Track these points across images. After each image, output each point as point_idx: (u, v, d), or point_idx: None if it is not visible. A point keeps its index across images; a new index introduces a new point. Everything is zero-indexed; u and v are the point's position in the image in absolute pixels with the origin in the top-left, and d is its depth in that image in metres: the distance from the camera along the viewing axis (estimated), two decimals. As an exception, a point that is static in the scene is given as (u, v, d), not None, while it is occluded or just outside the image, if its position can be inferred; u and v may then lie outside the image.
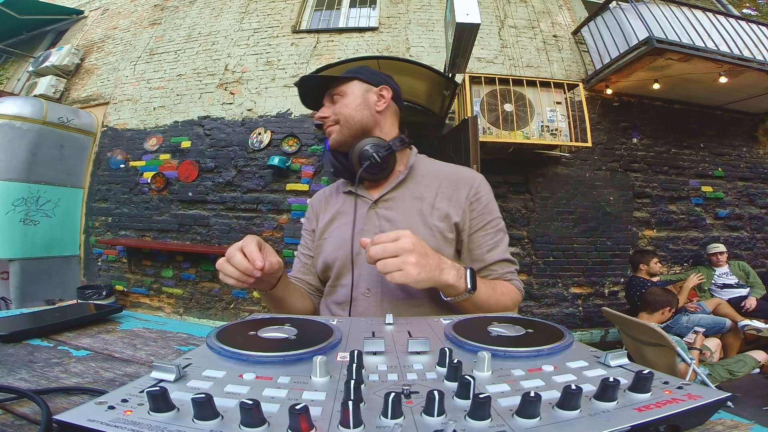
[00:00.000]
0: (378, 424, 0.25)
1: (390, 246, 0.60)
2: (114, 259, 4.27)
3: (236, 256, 0.61)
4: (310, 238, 0.96)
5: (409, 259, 0.59)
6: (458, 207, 0.83)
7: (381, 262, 0.60)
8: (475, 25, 2.43)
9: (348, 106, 0.86)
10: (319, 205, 0.97)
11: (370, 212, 0.86)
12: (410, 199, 0.85)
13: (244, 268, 0.61)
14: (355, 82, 0.88)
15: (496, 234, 0.84)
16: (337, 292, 0.86)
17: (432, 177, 0.88)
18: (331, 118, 0.87)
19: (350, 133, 0.86)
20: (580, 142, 3.48)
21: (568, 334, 0.42)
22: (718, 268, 3.57)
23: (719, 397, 0.28)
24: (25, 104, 4.03)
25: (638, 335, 2.26)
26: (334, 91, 0.88)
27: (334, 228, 0.89)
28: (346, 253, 0.83)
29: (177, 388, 0.30)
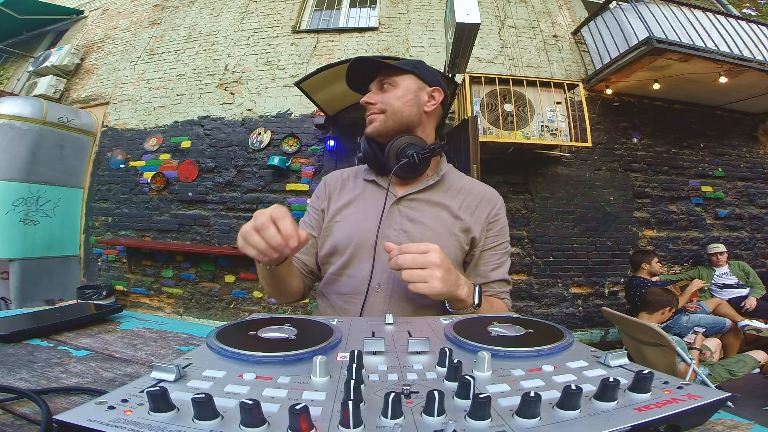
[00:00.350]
0: (378, 424, 0.25)
1: (419, 258, 0.61)
2: (114, 259, 4.27)
3: (270, 230, 0.57)
4: (316, 217, 0.92)
5: (435, 273, 0.61)
6: (478, 223, 0.86)
7: (408, 272, 0.61)
8: (475, 25, 2.43)
9: (399, 98, 0.85)
10: (335, 186, 0.94)
11: (393, 208, 0.84)
12: (435, 205, 0.86)
13: (277, 243, 0.58)
14: (411, 75, 0.87)
15: (503, 255, 0.88)
16: (342, 282, 0.83)
17: (458, 189, 0.89)
18: (377, 105, 0.85)
19: (394, 127, 0.85)
20: (580, 142, 3.48)
21: (568, 334, 0.42)
22: (718, 268, 3.57)
23: (719, 397, 0.28)
24: (25, 104, 4.03)
25: (638, 335, 2.26)
26: (387, 79, 0.86)
27: (350, 213, 0.87)
28: (362, 243, 0.82)
29: (177, 388, 0.30)
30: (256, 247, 0.59)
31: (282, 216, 0.58)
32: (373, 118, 0.86)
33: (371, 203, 0.86)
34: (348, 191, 0.92)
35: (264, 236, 0.58)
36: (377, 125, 0.85)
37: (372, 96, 0.86)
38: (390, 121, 0.85)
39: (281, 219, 0.58)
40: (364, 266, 0.81)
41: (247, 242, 0.59)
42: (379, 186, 0.88)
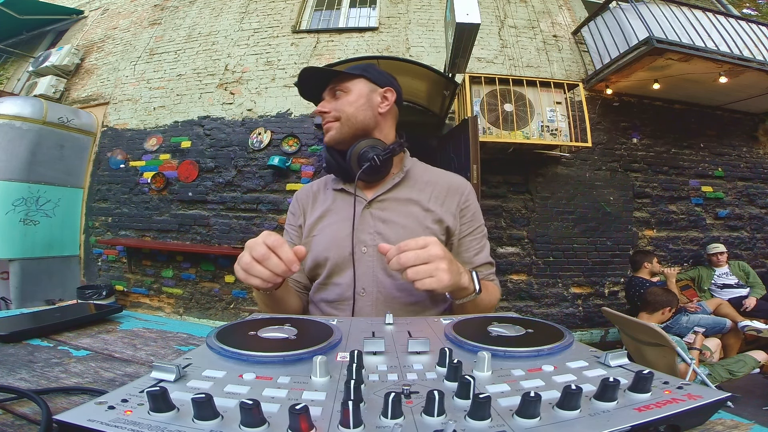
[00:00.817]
0: (378, 424, 0.25)
1: (422, 253, 0.60)
2: (114, 259, 4.27)
3: (272, 259, 0.58)
4: (296, 234, 0.93)
5: (441, 265, 0.60)
6: (449, 212, 0.87)
7: (413, 270, 0.60)
8: (475, 25, 2.43)
9: (351, 104, 0.85)
10: (306, 200, 0.95)
11: (365, 212, 0.85)
12: (404, 201, 0.87)
13: (282, 271, 0.58)
14: (361, 80, 0.87)
15: (482, 239, 0.90)
16: (329, 290, 0.84)
17: (425, 182, 0.90)
18: (331, 113, 0.85)
19: (350, 132, 0.85)
20: (580, 142, 3.48)
21: (568, 334, 0.42)
22: (718, 268, 3.57)
23: (719, 397, 0.28)
24: (25, 104, 4.03)
25: (638, 335, 2.26)
26: (338, 86, 0.86)
27: (324, 225, 0.88)
28: (341, 252, 0.82)
29: (177, 388, 0.30)
30: (261, 276, 0.59)
31: (279, 244, 0.59)
32: (329, 126, 0.86)
33: (343, 212, 0.87)
34: (319, 203, 0.92)
35: (268, 266, 0.58)
36: (333, 133, 0.85)
37: (325, 104, 0.86)
38: (345, 128, 0.85)
39: (279, 247, 0.58)
40: (346, 273, 0.82)
41: (250, 273, 0.59)
42: (348, 193, 0.88)
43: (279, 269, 0.58)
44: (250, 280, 0.60)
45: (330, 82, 0.87)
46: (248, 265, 0.59)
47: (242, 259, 0.60)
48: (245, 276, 0.60)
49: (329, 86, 0.87)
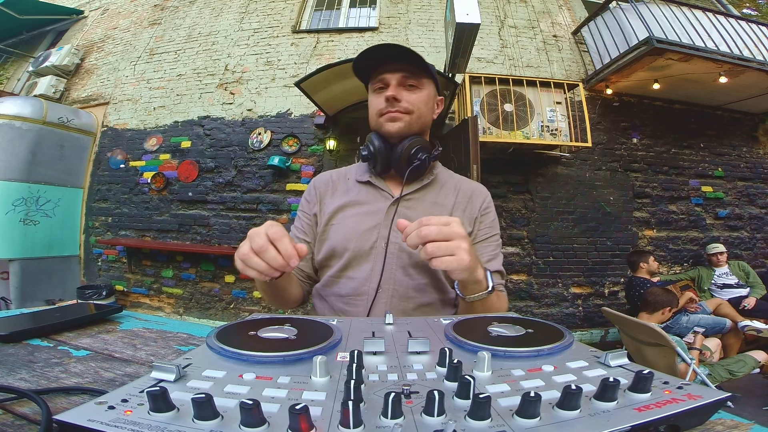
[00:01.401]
0: (378, 424, 0.25)
1: (445, 229, 0.57)
2: (114, 259, 4.27)
3: (270, 251, 0.56)
4: (308, 222, 0.91)
5: (462, 245, 0.58)
6: (471, 218, 0.87)
7: (433, 245, 0.57)
8: (475, 25, 2.43)
9: (425, 103, 0.84)
10: (325, 188, 0.92)
11: (391, 208, 0.84)
12: (430, 203, 0.87)
13: (278, 265, 0.56)
14: (431, 81, 0.87)
15: (496, 248, 0.89)
16: (341, 284, 0.82)
17: (450, 187, 0.91)
18: (404, 104, 0.81)
19: (417, 130, 0.85)
20: (580, 142, 3.48)
21: (568, 334, 0.42)
22: (718, 268, 3.57)
23: (719, 397, 0.28)
24: (25, 104, 4.03)
25: (638, 335, 2.26)
26: (412, 79, 0.82)
27: (346, 216, 0.86)
28: (361, 245, 0.81)
29: (177, 388, 0.30)
30: (257, 268, 0.57)
31: (280, 236, 0.56)
32: (397, 116, 0.82)
33: (368, 205, 0.86)
34: (340, 193, 0.90)
35: (265, 258, 0.56)
36: (402, 125, 0.82)
37: (402, 93, 0.82)
38: (415, 125, 0.84)
39: (279, 240, 0.56)
40: (363, 268, 0.80)
41: (247, 265, 0.57)
42: (375, 187, 0.88)
43: (276, 263, 0.56)
44: (247, 272, 0.58)
45: (403, 71, 0.82)
46: (246, 256, 0.57)
47: (241, 248, 0.58)
48: (242, 267, 0.58)
49: (401, 74, 0.82)
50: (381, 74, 0.83)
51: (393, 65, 0.82)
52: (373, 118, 0.87)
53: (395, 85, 0.82)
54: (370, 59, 0.83)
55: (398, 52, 0.81)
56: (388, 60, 0.82)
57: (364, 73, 0.87)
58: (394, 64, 0.82)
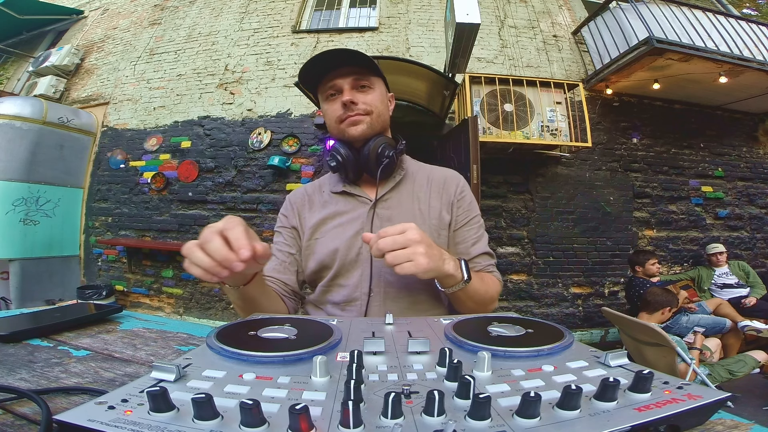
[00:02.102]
0: (378, 424, 0.25)
1: (399, 238, 0.61)
2: (114, 259, 4.27)
3: (214, 242, 0.48)
4: (290, 235, 0.90)
5: (418, 249, 0.60)
6: (447, 205, 0.87)
7: (391, 254, 0.60)
8: (475, 25, 2.43)
9: (381, 101, 0.85)
10: (302, 203, 0.92)
11: (370, 212, 0.85)
12: (408, 199, 0.87)
13: (222, 257, 0.48)
14: (380, 80, 0.87)
15: (479, 229, 0.89)
16: (334, 292, 0.83)
17: (423, 177, 0.91)
18: (361, 106, 0.81)
19: (379, 129, 0.85)
20: (580, 142, 3.48)
21: (568, 334, 0.42)
22: (718, 268, 3.57)
23: (719, 397, 0.28)
24: (25, 104, 4.03)
25: (638, 335, 2.26)
26: (363, 80, 0.82)
27: (328, 229, 0.86)
28: (348, 253, 0.82)
29: (177, 388, 0.30)
30: (200, 264, 0.49)
31: (231, 226, 0.50)
32: (358, 119, 0.81)
33: (347, 214, 0.86)
34: (318, 206, 0.90)
35: (208, 250, 0.48)
36: (364, 128, 0.82)
37: (357, 95, 0.81)
38: (376, 124, 0.84)
39: (230, 229, 0.49)
40: (354, 275, 0.81)
41: (191, 261, 0.50)
42: (350, 195, 0.87)
43: (219, 254, 0.48)
44: (191, 269, 0.50)
45: (353, 74, 0.81)
46: (189, 249, 0.50)
47: (187, 243, 0.50)
48: (187, 264, 0.50)
49: (351, 77, 0.81)
50: (331, 80, 0.82)
51: (342, 69, 0.81)
52: (332, 126, 0.85)
53: (349, 88, 0.81)
54: (317, 67, 0.82)
55: (347, 56, 0.80)
56: (337, 65, 0.81)
57: (311, 82, 0.86)
58: (342, 69, 0.81)
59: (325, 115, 0.87)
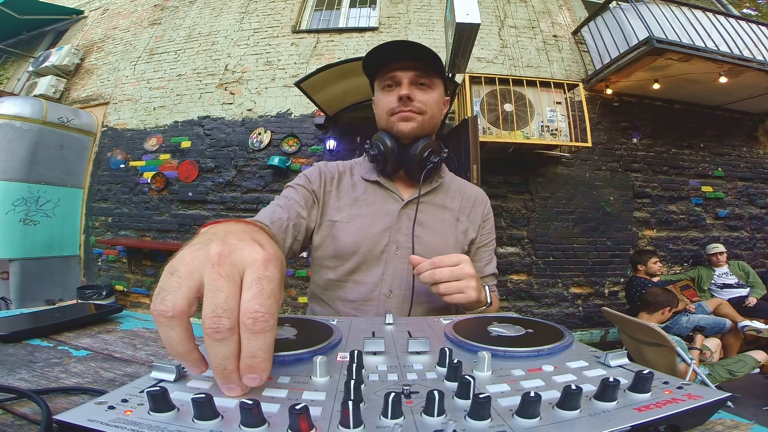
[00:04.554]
0: (378, 424, 0.25)
1: (456, 270, 0.64)
2: (114, 259, 4.27)
3: (173, 330, 0.30)
4: (307, 198, 0.83)
5: (471, 283, 0.64)
6: (474, 224, 0.89)
7: (445, 285, 0.63)
8: (475, 25, 2.43)
9: (436, 103, 0.82)
10: (330, 177, 0.87)
11: (402, 212, 0.82)
12: (440, 207, 0.87)
13: (185, 359, 0.30)
14: (441, 81, 0.84)
15: (492, 251, 0.93)
16: (348, 289, 0.79)
17: (456, 190, 0.91)
18: (416, 104, 0.78)
19: (429, 131, 0.83)
20: (580, 142, 3.48)
21: (568, 334, 0.42)
22: (718, 268, 3.57)
23: (719, 397, 0.27)
24: (25, 104, 4.03)
25: (638, 335, 2.26)
26: (424, 78, 0.79)
27: (353, 215, 0.81)
28: (372, 248, 0.79)
29: (177, 388, 0.30)
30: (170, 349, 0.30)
31: (221, 278, 0.30)
32: (410, 116, 0.79)
33: (376, 206, 0.83)
34: (346, 188, 0.86)
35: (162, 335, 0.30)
36: (415, 125, 0.79)
37: (415, 92, 0.78)
38: (427, 125, 0.81)
39: (216, 291, 0.30)
40: (374, 272, 0.78)
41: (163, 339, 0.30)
42: (383, 187, 0.85)
43: (177, 351, 0.30)
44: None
45: (415, 69, 0.78)
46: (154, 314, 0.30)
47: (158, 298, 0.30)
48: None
49: (413, 72, 0.78)
50: (391, 71, 0.79)
51: (405, 63, 0.79)
52: (382, 116, 0.83)
53: (408, 83, 0.78)
54: (382, 54, 0.79)
55: (413, 49, 0.77)
56: (401, 57, 0.79)
57: (372, 68, 0.84)
58: (406, 62, 0.79)
59: (377, 105, 0.84)
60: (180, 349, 0.29)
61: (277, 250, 0.33)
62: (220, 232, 0.33)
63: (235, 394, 0.28)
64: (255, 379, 0.29)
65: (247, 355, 0.28)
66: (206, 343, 0.29)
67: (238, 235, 0.32)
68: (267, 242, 0.33)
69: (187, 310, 0.30)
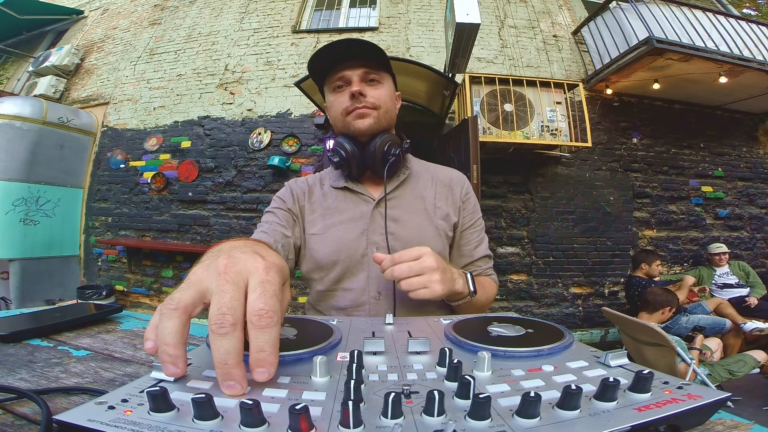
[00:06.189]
0: (378, 424, 0.25)
1: (415, 265, 0.61)
2: (114, 259, 4.27)
3: (167, 321, 0.30)
4: (287, 218, 0.83)
5: (434, 277, 0.61)
6: (454, 207, 0.86)
7: (406, 282, 0.61)
8: (475, 25, 2.43)
9: (389, 97, 0.82)
10: (301, 192, 0.88)
11: (374, 212, 0.82)
12: (413, 198, 0.85)
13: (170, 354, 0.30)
14: (389, 76, 0.84)
15: (481, 232, 0.89)
16: (338, 297, 0.80)
17: (427, 177, 0.89)
18: (369, 99, 0.78)
19: (386, 125, 0.82)
20: (580, 142, 3.48)
21: (568, 334, 0.42)
22: (719, 268, 3.57)
23: (719, 397, 0.27)
24: (25, 104, 4.03)
25: (638, 335, 2.26)
26: (373, 74, 0.80)
27: (328, 225, 0.82)
28: (351, 255, 0.79)
29: (177, 388, 0.30)
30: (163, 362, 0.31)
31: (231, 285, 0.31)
32: (365, 113, 0.78)
33: (349, 212, 0.83)
34: (317, 200, 0.86)
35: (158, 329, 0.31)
36: (371, 122, 0.79)
37: (366, 88, 0.79)
38: (383, 120, 0.81)
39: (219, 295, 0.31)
40: (359, 278, 0.79)
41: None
42: (353, 192, 0.85)
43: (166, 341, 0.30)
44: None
45: (363, 66, 0.79)
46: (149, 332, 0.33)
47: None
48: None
49: (362, 69, 0.79)
50: (340, 72, 0.79)
51: (352, 62, 0.79)
52: (337, 118, 0.82)
53: (358, 80, 0.78)
54: (328, 57, 0.79)
55: (358, 47, 0.77)
56: (348, 57, 0.79)
57: (320, 73, 0.83)
58: (353, 61, 0.78)
59: (331, 108, 0.83)
60: (168, 339, 0.30)
61: (277, 259, 0.36)
62: (225, 248, 0.37)
63: (235, 393, 0.29)
64: (263, 373, 0.30)
65: (255, 350, 0.30)
66: (210, 339, 0.30)
67: (241, 249, 0.35)
68: (267, 253, 0.36)
69: (191, 308, 0.32)
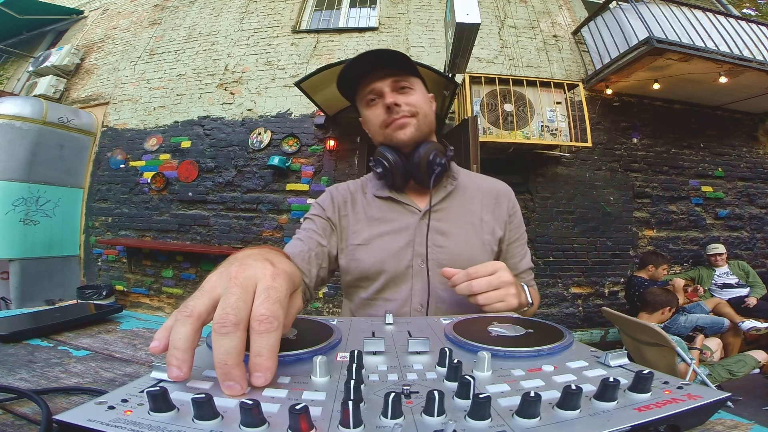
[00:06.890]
0: (378, 424, 0.25)
1: (493, 280, 0.62)
2: (114, 259, 4.27)
3: (181, 327, 0.31)
4: (325, 227, 0.82)
5: (510, 291, 0.62)
6: (501, 221, 0.85)
7: (484, 296, 0.61)
8: (475, 25, 2.43)
9: (425, 101, 0.80)
10: (344, 200, 0.86)
11: (421, 223, 0.80)
12: (460, 211, 0.83)
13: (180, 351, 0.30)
14: (419, 80, 0.82)
15: (524, 244, 0.89)
16: (378, 306, 0.79)
17: (474, 189, 0.87)
18: (405, 108, 0.76)
19: (427, 131, 0.80)
20: (580, 142, 3.48)
21: (568, 334, 0.42)
22: (718, 268, 3.57)
23: (719, 397, 0.27)
24: (25, 104, 4.03)
25: (638, 335, 2.26)
26: (403, 81, 0.78)
27: (373, 236, 0.80)
28: (397, 266, 0.78)
29: (177, 388, 0.30)
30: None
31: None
32: (405, 122, 0.76)
33: (395, 223, 0.81)
34: (361, 209, 0.84)
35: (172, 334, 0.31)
36: (412, 130, 0.77)
37: (398, 97, 0.77)
38: (423, 126, 0.79)
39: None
40: (402, 289, 0.78)
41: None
42: (397, 202, 0.83)
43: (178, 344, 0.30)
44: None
45: (392, 75, 0.77)
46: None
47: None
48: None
49: (390, 79, 0.77)
50: (369, 85, 0.78)
51: (379, 72, 0.77)
52: (377, 132, 0.81)
53: (389, 91, 0.77)
54: (355, 72, 0.77)
55: (382, 57, 0.75)
56: (373, 69, 0.77)
57: (349, 89, 0.82)
58: (380, 71, 0.77)
59: (368, 122, 0.82)
60: (179, 344, 0.30)
61: (288, 267, 0.36)
62: (240, 256, 0.38)
63: (235, 393, 0.29)
64: (260, 378, 0.30)
65: (253, 354, 0.30)
66: (212, 339, 0.31)
67: (254, 257, 0.36)
68: (278, 260, 0.36)
69: (204, 316, 0.32)
